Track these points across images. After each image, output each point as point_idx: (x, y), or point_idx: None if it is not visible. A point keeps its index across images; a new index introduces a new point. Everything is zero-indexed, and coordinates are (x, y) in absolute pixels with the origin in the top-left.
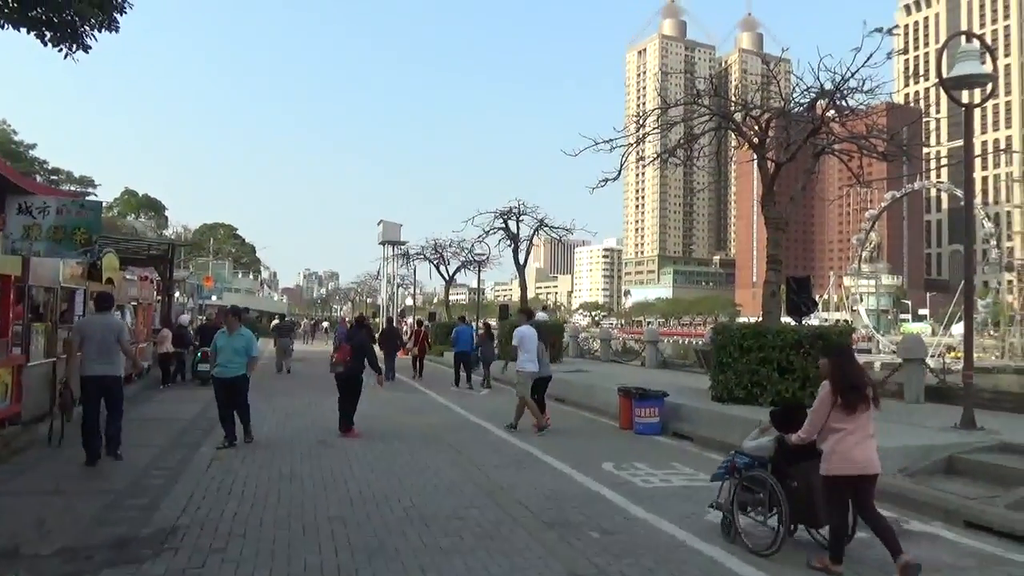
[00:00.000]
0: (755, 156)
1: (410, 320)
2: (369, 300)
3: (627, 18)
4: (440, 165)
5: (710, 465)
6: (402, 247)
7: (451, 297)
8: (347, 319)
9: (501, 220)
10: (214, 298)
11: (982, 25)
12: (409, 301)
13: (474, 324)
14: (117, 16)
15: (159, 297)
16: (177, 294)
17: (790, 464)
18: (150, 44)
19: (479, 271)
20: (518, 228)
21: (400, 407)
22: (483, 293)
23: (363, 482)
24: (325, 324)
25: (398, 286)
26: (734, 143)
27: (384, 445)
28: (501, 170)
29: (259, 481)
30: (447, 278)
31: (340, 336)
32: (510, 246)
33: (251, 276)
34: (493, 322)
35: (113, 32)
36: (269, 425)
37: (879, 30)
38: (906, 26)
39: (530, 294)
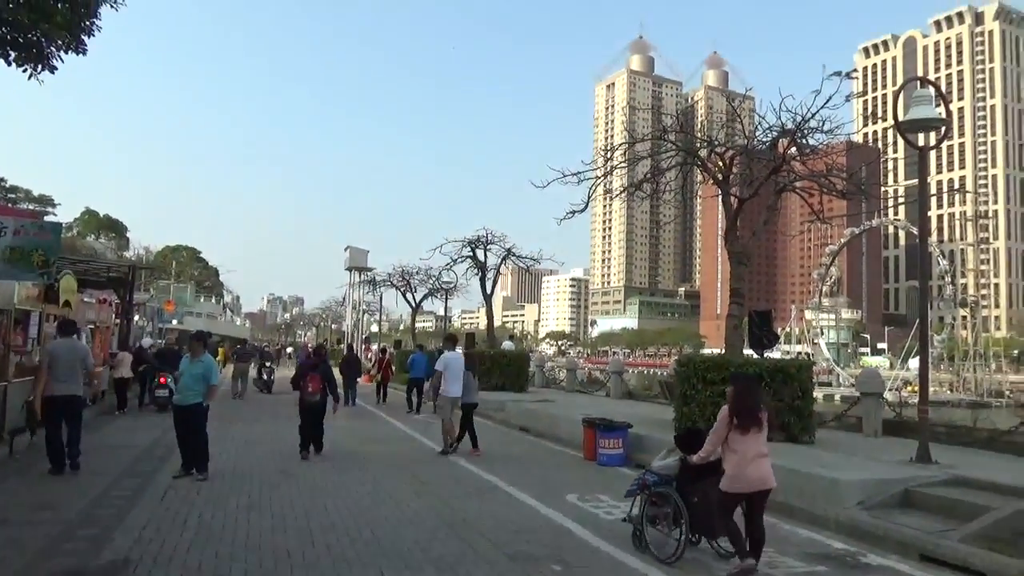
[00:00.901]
0: (719, 191)
1: (375, 347)
2: (335, 326)
3: (597, 52)
4: (409, 193)
5: None
6: (369, 273)
7: (418, 324)
8: (310, 345)
9: (469, 248)
10: (175, 322)
11: (937, 70)
12: (375, 327)
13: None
14: (85, 38)
15: (117, 320)
16: (137, 317)
17: (692, 482)
18: (115, 62)
19: (446, 299)
20: (486, 257)
21: (363, 435)
22: (450, 321)
23: (324, 513)
24: (289, 350)
25: (364, 312)
26: (699, 178)
27: (346, 474)
28: (470, 199)
29: (216, 512)
30: (414, 305)
31: (301, 362)
32: (477, 274)
33: (213, 300)
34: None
35: (81, 54)
36: (228, 453)
37: (838, 73)
38: (865, 68)
39: (497, 322)
